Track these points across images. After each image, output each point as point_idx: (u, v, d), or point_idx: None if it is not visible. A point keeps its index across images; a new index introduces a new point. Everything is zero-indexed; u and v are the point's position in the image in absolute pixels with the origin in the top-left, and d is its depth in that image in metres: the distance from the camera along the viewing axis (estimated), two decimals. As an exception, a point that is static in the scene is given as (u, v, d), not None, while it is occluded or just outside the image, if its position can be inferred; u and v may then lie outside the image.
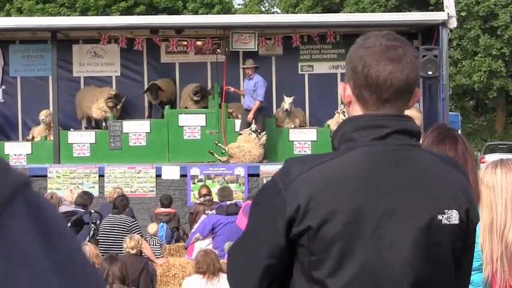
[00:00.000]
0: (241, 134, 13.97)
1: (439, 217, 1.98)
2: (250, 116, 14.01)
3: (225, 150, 13.81)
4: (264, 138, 13.86)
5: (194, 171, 13.70)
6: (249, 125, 14.00)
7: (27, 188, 0.89)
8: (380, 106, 2.04)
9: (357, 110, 2.08)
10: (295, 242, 1.97)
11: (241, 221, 9.37)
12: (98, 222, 9.71)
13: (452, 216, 2.00)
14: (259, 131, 13.81)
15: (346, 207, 1.94)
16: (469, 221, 2.05)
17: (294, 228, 1.95)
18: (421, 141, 2.26)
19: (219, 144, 13.90)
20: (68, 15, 33.47)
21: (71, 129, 15.10)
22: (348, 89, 2.09)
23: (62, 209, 10.54)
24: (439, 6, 14.77)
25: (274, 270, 2.02)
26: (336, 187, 1.95)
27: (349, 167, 1.98)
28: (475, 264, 2.47)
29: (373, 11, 34.76)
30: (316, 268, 1.96)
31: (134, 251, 8.52)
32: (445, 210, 1.99)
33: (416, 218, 1.97)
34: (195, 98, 14.88)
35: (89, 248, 7.22)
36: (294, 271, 2.02)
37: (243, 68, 14.68)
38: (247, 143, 13.79)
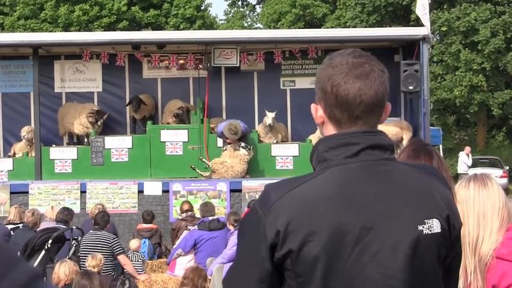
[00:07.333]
0: (225, 150, 13.96)
1: (420, 227, 1.99)
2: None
3: (208, 165, 13.79)
4: (252, 153, 13.94)
5: (176, 186, 13.67)
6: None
7: (40, 279, 1.02)
8: (353, 123, 2.06)
9: (330, 130, 2.10)
10: (281, 266, 1.99)
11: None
12: (79, 238, 9.65)
13: (433, 225, 2.00)
14: (248, 146, 13.86)
15: (324, 227, 1.95)
16: (451, 227, 2.06)
17: (276, 253, 1.97)
18: (396, 156, 2.28)
19: (203, 160, 13.88)
20: (50, 31, 33.35)
21: (53, 145, 15.03)
22: (319, 110, 2.11)
23: (43, 225, 10.47)
24: (420, 22, 14.89)
25: None
26: (313, 208, 1.96)
27: (324, 187, 2.00)
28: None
29: (354, 27, 34.97)
30: None
31: (96, 270, 8.31)
32: (425, 220, 2.00)
33: (395, 231, 1.97)
34: (174, 119, 14.91)
35: (68, 265, 7.17)
36: None
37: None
38: (231, 159, 13.79)
